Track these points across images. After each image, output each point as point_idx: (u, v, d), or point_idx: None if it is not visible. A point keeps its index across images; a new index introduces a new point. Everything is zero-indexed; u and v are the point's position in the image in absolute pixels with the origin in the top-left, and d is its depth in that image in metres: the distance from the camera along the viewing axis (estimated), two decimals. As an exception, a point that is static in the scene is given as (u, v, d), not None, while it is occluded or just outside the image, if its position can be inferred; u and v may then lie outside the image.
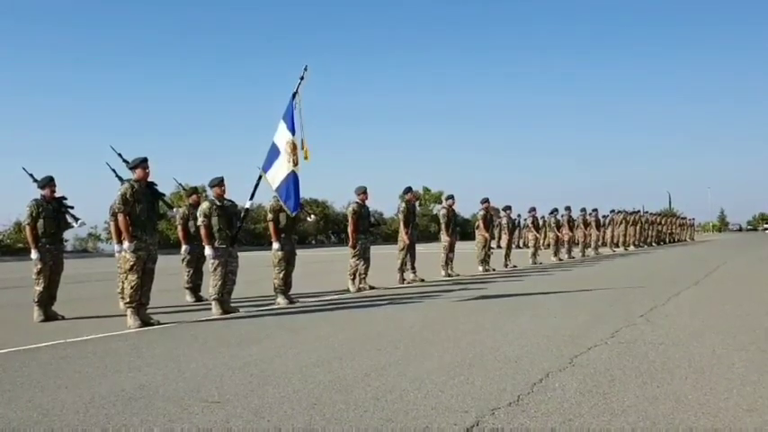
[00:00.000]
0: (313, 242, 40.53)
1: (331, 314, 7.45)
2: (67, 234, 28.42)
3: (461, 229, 34.13)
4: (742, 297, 8.36)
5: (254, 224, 35.31)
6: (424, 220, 46.72)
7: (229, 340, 5.75)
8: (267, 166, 7.74)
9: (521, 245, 28.08)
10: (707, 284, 10.15)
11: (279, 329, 6.32)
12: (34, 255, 7.26)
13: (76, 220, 7.56)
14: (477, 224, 14.68)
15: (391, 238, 40.15)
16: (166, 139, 75.36)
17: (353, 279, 10.03)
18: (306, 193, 40.64)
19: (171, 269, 10.60)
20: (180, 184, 10.46)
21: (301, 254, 9.07)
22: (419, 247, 12.25)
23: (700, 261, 17.15)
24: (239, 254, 7.98)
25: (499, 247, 18.69)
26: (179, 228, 8.99)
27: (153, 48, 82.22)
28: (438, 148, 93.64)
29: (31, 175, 7.58)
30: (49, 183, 7.41)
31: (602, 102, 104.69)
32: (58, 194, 7.51)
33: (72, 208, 7.62)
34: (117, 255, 7.55)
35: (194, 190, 9.46)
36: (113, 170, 8.19)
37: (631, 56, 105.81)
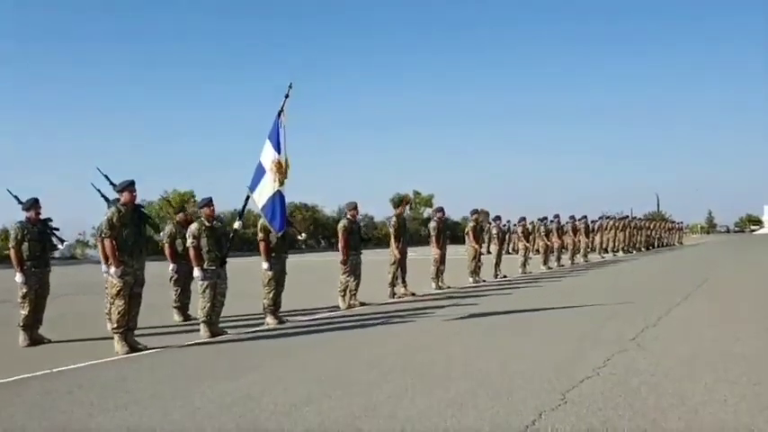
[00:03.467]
0: (303, 246, 40.42)
1: (321, 338, 7.35)
2: (55, 241, 27.91)
3: (451, 233, 34.18)
4: (731, 315, 8.35)
5: (244, 229, 35.23)
6: (414, 224, 46.83)
7: (217, 372, 5.67)
8: (253, 185, 7.68)
9: (510, 250, 28.12)
10: (697, 299, 10.15)
11: (268, 357, 6.23)
12: (19, 278, 7.16)
13: (62, 242, 7.48)
14: (466, 231, 14.59)
15: (381, 242, 40.17)
16: (159, 145, 75.21)
17: (344, 296, 9.98)
18: (294, 197, 40.41)
19: (158, 280, 10.38)
20: (168, 200, 10.36)
21: (291, 259, 8.95)
22: (411, 253, 12.17)
23: (688, 270, 17.21)
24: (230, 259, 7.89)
25: (489, 252, 18.65)
26: (166, 246, 8.90)
27: (152, 55, 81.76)
28: (428, 151, 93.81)
29: (16, 197, 7.49)
30: (33, 205, 7.31)
31: (594, 102, 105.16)
32: (43, 216, 7.42)
33: (57, 230, 7.54)
34: (104, 275, 7.44)
35: (182, 208, 9.38)
36: (98, 190, 8.14)
37: (624, 56, 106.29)
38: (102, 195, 8.21)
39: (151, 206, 34.63)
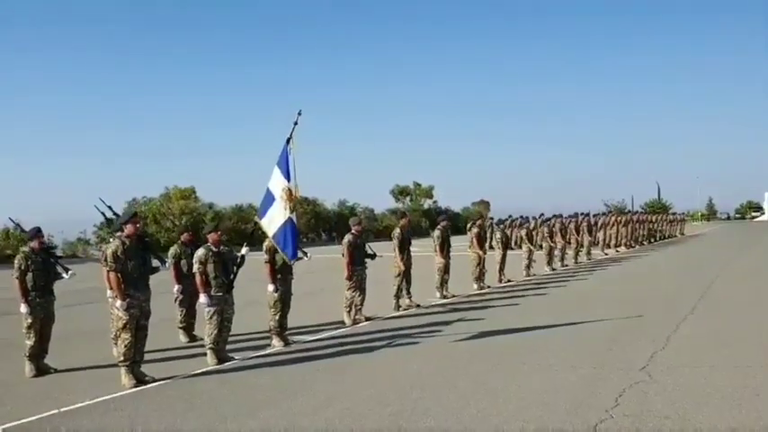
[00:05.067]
0: (304, 240, 40.39)
1: (327, 366, 7.25)
2: (57, 240, 27.84)
3: (453, 223, 34.24)
4: (740, 335, 8.30)
5: (244, 224, 35.18)
6: (415, 215, 46.91)
7: (225, 411, 5.63)
8: (262, 212, 7.65)
9: (512, 245, 28.01)
10: (704, 312, 10.10)
11: (276, 394, 6.15)
12: (24, 309, 7.09)
13: (66, 271, 7.42)
14: (470, 237, 14.50)
15: (382, 234, 40.21)
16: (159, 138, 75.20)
17: (349, 311, 9.93)
18: (297, 182, 40.59)
19: (162, 288, 10.25)
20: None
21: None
22: (414, 247, 12.06)
23: (693, 270, 17.17)
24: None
25: (491, 247, 18.42)
26: (171, 267, 8.82)
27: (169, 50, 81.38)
28: (428, 142, 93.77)
29: (18, 225, 7.44)
30: (36, 234, 7.24)
31: (596, 91, 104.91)
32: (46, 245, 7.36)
33: (61, 258, 7.47)
34: (110, 300, 7.32)
35: (186, 228, 9.32)
36: (102, 213, 8.09)
37: (620, 46, 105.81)
38: (106, 217, 8.17)
39: (152, 203, 34.64)
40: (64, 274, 7.41)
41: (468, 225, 15.43)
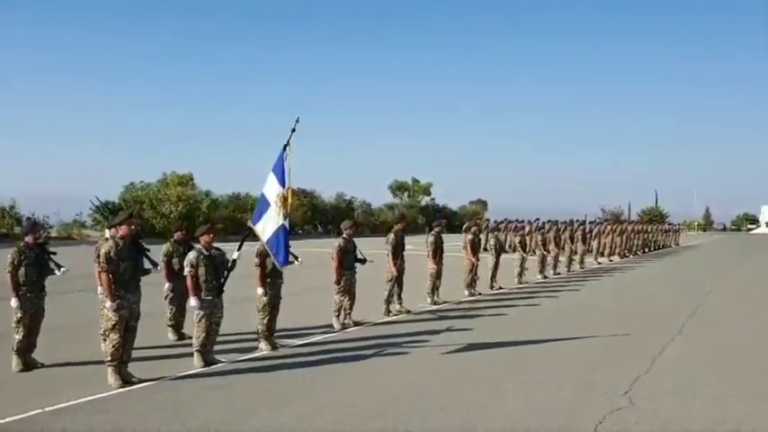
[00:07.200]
0: (300, 232, 40.43)
1: (313, 375, 7.30)
2: (52, 221, 27.71)
3: (448, 221, 34.31)
4: (727, 359, 8.36)
5: (240, 213, 35.23)
6: (412, 212, 47.09)
7: (210, 417, 5.68)
8: (256, 218, 7.69)
9: (507, 248, 28.05)
10: (693, 332, 10.16)
11: (260, 402, 6.21)
12: (14, 303, 7.12)
13: (59, 267, 7.45)
14: (464, 243, 14.53)
15: (378, 229, 40.30)
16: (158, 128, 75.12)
17: (338, 315, 9.98)
18: (293, 182, 40.60)
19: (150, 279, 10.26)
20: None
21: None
22: (409, 245, 12.14)
23: (685, 283, 17.25)
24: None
25: (486, 249, 18.42)
26: (163, 267, 8.81)
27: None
28: (428, 137, 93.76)
29: (9, 211, 7.43)
30: (32, 228, 7.29)
31: (597, 95, 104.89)
32: (40, 240, 7.38)
33: (54, 254, 7.50)
34: (101, 297, 7.35)
35: (179, 225, 9.34)
36: (97, 207, 8.11)
37: (628, 50, 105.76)
38: (101, 212, 8.18)
39: (149, 188, 34.63)
40: (56, 271, 7.44)
41: (464, 227, 15.47)
